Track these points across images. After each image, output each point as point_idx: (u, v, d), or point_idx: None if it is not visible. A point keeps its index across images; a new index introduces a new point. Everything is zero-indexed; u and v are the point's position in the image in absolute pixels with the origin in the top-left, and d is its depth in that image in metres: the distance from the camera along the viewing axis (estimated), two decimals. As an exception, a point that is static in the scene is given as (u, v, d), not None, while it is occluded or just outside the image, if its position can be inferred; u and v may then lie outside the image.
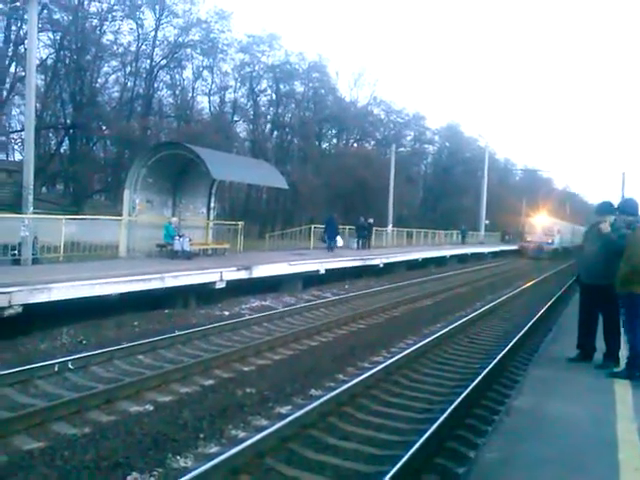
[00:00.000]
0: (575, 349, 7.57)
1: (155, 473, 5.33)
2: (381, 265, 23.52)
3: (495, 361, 9.35)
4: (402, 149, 58.83)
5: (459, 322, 13.29)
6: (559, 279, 27.27)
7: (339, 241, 25.29)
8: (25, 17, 23.82)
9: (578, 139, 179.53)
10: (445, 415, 6.56)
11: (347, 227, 29.86)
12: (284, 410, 7.19)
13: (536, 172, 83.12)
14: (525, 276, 28.56)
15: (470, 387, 7.76)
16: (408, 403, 7.67)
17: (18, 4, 23.97)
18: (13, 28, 32.75)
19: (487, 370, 8.74)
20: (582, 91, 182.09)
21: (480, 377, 8.31)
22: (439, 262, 31.57)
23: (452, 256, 34.25)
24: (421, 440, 5.79)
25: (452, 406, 6.89)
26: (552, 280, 27.64)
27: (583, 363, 7.31)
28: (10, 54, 32.74)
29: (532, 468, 4.25)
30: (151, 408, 7.05)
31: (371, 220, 29.68)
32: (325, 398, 7.12)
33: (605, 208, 7.31)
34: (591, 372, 7.00)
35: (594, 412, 5.52)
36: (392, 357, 9.64)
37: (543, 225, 49.27)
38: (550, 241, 48.18)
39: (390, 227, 36.61)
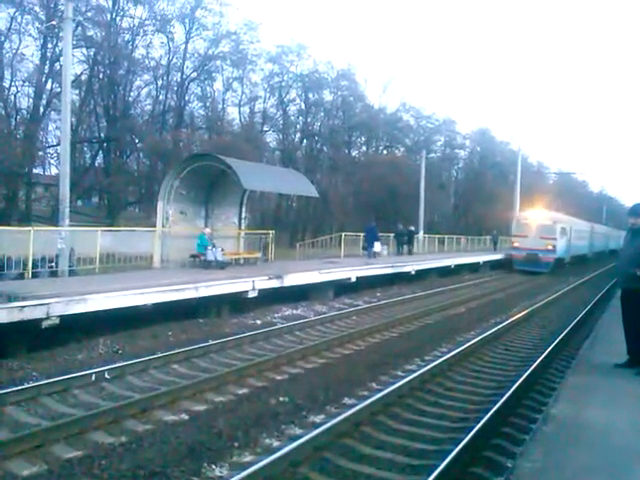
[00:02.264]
0: (614, 354, 7.41)
1: (191, 482, 5.38)
2: (413, 272, 23.32)
3: (531, 369, 9.21)
4: (432, 155, 58.27)
5: (493, 330, 13.12)
6: (600, 283, 26.68)
7: (377, 247, 25.30)
8: (60, 35, 24.47)
9: (616, 140, 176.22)
10: (480, 424, 6.47)
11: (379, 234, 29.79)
12: (318, 419, 7.18)
13: (570, 175, 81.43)
14: (562, 282, 27.98)
15: (506, 395, 7.65)
16: (443, 412, 7.59)
17: (54, 23, 24.63)
18: (49, 46, 33.60)
19: (523, 378, 8.61)
20: (621, 90, 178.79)
21: (516, 385, 8.20)
22: (472, 268, 31.17)
23: (485, 262, 33.72)
24: (457, 449, 5.72)
25: (487, 415, 6.80)
26: (590, 285, 27.08)
27: (626, 369, 7.12)
28: (46, 71, 33.63)
29: (573, 478, 4.16)
30: (186, 417, 7.11)
31: (412, 227, 31.54)
32: (359, 407, 7.09)
33: (639, 209, 7.13)
34: (632, 379, 6.81)
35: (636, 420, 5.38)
36: (426, 365, 9.57)
37: (539, 223, 33.74)
38: (550, 247, 32.96)
39: (421, 234, 36.35)
